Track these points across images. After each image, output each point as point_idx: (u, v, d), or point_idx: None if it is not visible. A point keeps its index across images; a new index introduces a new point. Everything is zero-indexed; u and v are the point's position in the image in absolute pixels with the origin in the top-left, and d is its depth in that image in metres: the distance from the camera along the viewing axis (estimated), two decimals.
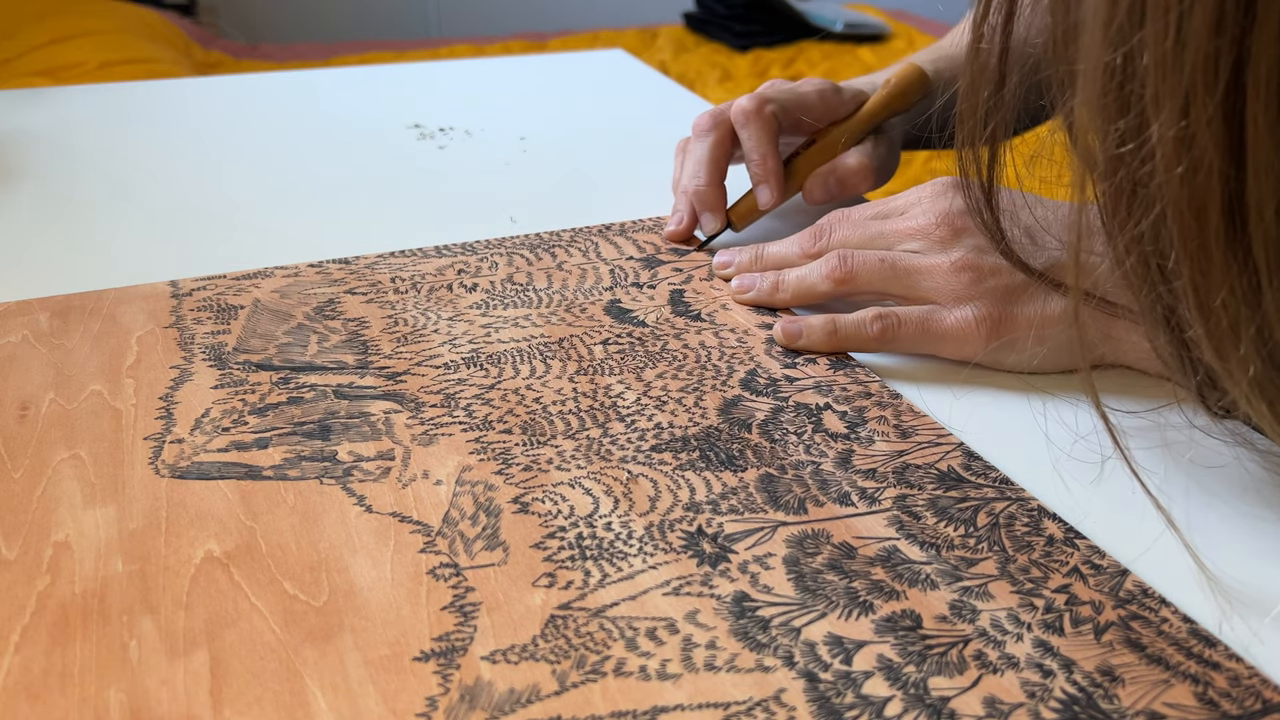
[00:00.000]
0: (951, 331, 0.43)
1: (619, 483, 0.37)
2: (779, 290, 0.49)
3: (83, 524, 0.34)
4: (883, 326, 0.44)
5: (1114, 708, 0.28)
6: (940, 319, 0.44)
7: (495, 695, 0.28)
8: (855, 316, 0.45)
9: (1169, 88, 0.25)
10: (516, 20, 2.92)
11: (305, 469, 0.37)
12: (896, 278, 0.45)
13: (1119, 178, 0.28)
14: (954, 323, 0.43)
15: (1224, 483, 0.38)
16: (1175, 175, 0.26)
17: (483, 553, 0.33)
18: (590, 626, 0.30)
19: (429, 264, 0.53)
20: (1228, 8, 0.24)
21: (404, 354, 0.44)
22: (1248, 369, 0.28)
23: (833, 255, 0.47)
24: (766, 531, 0.34)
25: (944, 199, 0.46)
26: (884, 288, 0.46)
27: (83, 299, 0.49)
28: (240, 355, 0.44)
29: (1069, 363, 0.43)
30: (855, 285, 0.46)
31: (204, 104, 0.81)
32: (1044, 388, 0.43)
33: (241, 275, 0.51)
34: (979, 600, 0.32)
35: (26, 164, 0.67)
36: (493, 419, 0.40)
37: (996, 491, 0.37)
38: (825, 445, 0.39)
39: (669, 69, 2.25)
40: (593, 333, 0.47)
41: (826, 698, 0.28)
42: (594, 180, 0.66)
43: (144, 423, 0.39)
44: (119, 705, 0.28)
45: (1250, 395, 0.29)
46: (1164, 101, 0.26)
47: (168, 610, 0.31)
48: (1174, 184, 0.26)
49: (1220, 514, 0.36)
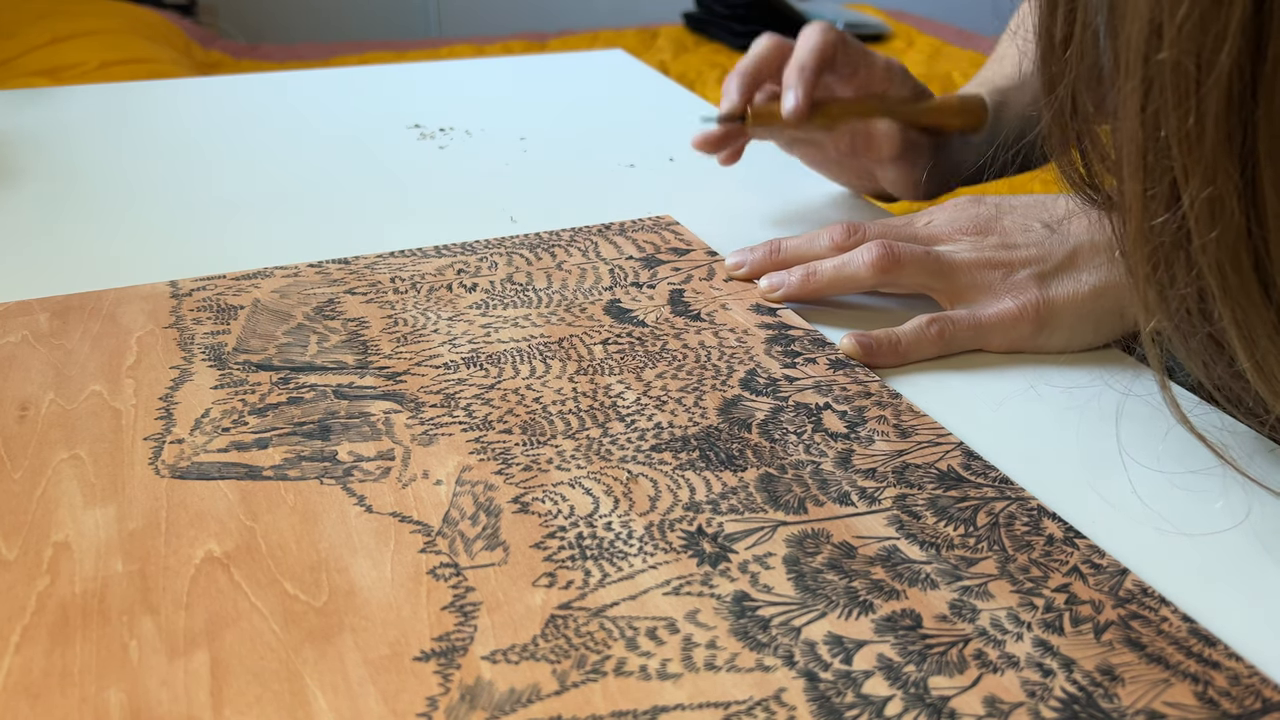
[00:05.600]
0: (999, 323, 0.45)
1: (619, 482, 0.37)
2: (811, 281, 0.49)
3: (83, 524, 0.34)
4: (940, 328, 0.45)
5: (1114, 707, 0.28)
6: (985, 314, 0.46)
7: (496, 695, 0.28)
8: (911, 325, 0.46)
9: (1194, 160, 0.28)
10: (517, 20, 2.92)
11: (305, 469, 0.37)
12: (938, 272, 0.47)
13: (1157, 241, 0.30)
14: (998, 314, 0.45)
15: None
16: (1211, 240, 0.29)
17: (483, 552, 0.33)
18: (590, 626, 0.30)
19: (429, 264, 0.53)
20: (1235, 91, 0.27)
21: (404, 354, 0.45)
22: None
23: (876, 244, 0.47)
24: (766, 531, 0.34)
25: (968, 208, 0.49)
26: (926, 280, 0.47)
27: (83, 299, 0.49)
28: (240, 355, 0.44)
29: (1107, 335, 0.46)
30: (899, 275, 0.47)
31: (204, 104, 0.81)
32: (1041, 390, 0.43)
33: (241, 275, 0.51)
34: (979, 600, 0.32)
35: (26, 164, 0.67)
36: (493, 419, 0.40)
37: (996, 491, 0.37)
38: (825, 445, 0.39)
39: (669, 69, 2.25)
40: (592, 332, 0.47)
41: (827, 697, 0.28)
42: (594, 180, 0.66)
43: (144, 423, 0.39)
44: (119, 705, 0.28)
45: None
46: (1192, 171, 0.28)
47: (168, 610, 0.31)
48: (1211, 247, 0.29)
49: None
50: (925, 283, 0.47)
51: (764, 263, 0.51)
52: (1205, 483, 0.38)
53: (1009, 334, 0.45)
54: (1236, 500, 0.37)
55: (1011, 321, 0.45)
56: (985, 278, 0.46)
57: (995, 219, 0.48)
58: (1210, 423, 0.40)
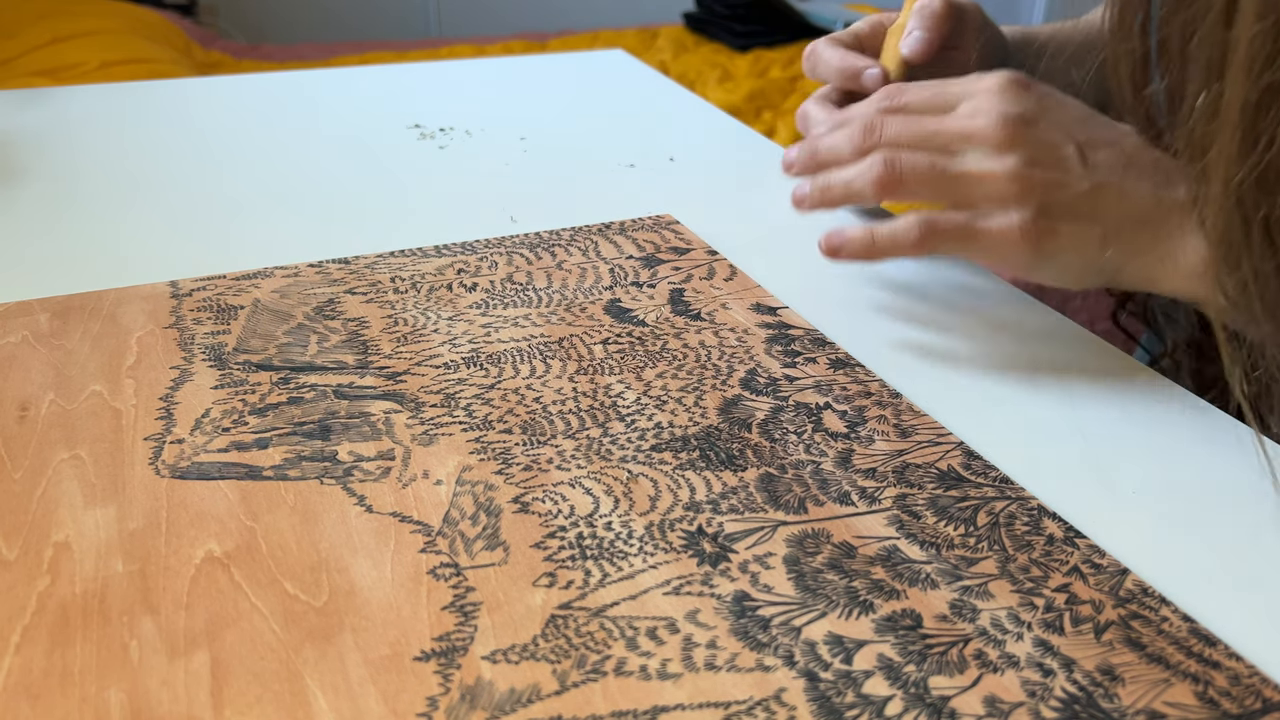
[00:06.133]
0: (995, 237, 0.43)
1: (619, 482, 0.37)
2: (826, 194, 0.47)
3: (83, 524, 0.34)
4: (922, 233, 0.44)
5: (1114, 707, 0.28)
6: (984, 224, 0.43)
7: (496, 695, 0.28)
8: (894, 223, 0.44)
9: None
10: (517, 20, 2.92)
11: (305, 469, 0.37)
12: (946, 184, 0.44)
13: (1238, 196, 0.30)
14: (998, 228, 0.43)
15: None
16: None
17: (483, 552, 0.33)
18: (590, 626, 0.30)
19: (429, 264, 0.53)
20: None
21: (404, 354, 0.45)
22: None
23: (879, 159, 0.45)
24: (766, 531, 0.34)
25: (1006, 97, 0.45)
26: (932, 194, 0.45)
27: (83, 299, 0.49)
28: (240, 355, 0.44)
29: (1093, 283, 0.45)
30: (903, 191, 0.45)
31: (204, 104, 0.81)
32: (1046, 386, 0.43)
33: (241, 275, 0.51)
34: (979, 599, 0.32)
35: (26, 164, 0.67)
36: (493, 419, 0.40)
37: (996, 491, 0.37)
38: (825, 445, 0.39)
39: (669, 69, 2.25)
40: (593, 332, 0.47)
41: (827, 697, 0.28)
42: (594, 180, 0.66)
43: (144, 423, 0.39)
44: (119, 705, 0.28)
45: None
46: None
47: (168, 610, 0.31)
48: None
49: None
50: (931, 197, 0.45)
51: (804, 161, 0.49)
52: (1205, 482, 0.38)
53: (1002, 252, 0.43)
54: (1237, 500, 0.37)
55: (1010, 241, 0.43)
56: (1000, 189, 0.43)
57: (1032, 121, 0.44)
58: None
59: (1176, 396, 0.43)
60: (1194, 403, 0.43)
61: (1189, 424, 0.41)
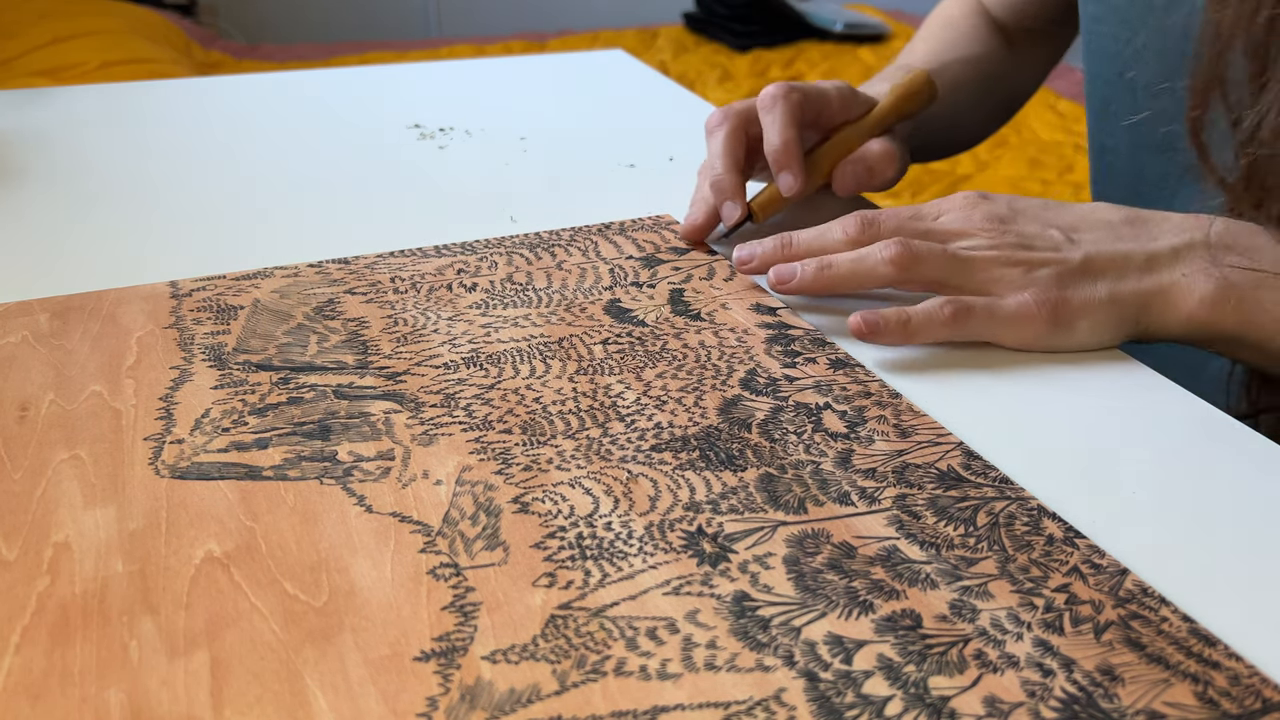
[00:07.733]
0: (1014, 316, 0.45)
1: (619, 482, 0.37)
2: (825, 273, 0.48)
3: (83, 524, 0.34)
4: (954, 310, 0.45)
5: (1114, 707, 0.28)
6: (1003, 305, 0.45)
7: (496, 695, 0.28)
8: (926, 305, 0.45)
9: None
10: (516, 20, 2.92)
11: (305, 469, 0.37)
12: (958, 265, 0.47)
13: None
14: (1015, 308, 0.45)
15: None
16: None
17: (483, 553, 0.33)
18: (590, 626, 0.30)
19: (429, 264, 0.53)
20: None
21: (404, 354, 0.45)
22: None
23: (894, 241, 0.47)
24: (766, 531, 0.34)
25: (979, 205, 0.49)
26: (944, 277, 0.47)
27: (83, 299, 0.49)
28: (240, 355, 0.44)
29: (1114, 339, 0.46)
30: (917, 272, 0.47)
31: (204, 104, 0.81)
32: (1044, 388, 0.43)
33: (241, 275, 0.51)
34: (979, 600, 0.32)
35: (26, 164, 0.67)
36: (493, 419, 0.40)
37: (996, 491, 0.37)
38: (825, 445, 0.39)
39: (669, 69, 2.25)
40: (592, 332, 0.47)
41: (827, 697, 0.28)
42: (594, 180, 0.66)
43: (144, 423, 0.39)
44: (119, 705, 0.28)
45: None
46: None
47: (168, 610, 0.31)
48: None
49: None
50: (943, 279, 0.47)
51: (775, 255, 0.50)
52: (1205, 482, 0.38)
53: (1024, 330, 0.45)
54: (1237, 500, 0.37)
55: (1029, 317, 0.45)
56: (1004, 274, 0.46)
57: (1010, 218, 0.48)
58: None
59: (1177, 396, 0.43)
60: (1194, 403, 0.43)
61: (1189, 424, 0.41)
